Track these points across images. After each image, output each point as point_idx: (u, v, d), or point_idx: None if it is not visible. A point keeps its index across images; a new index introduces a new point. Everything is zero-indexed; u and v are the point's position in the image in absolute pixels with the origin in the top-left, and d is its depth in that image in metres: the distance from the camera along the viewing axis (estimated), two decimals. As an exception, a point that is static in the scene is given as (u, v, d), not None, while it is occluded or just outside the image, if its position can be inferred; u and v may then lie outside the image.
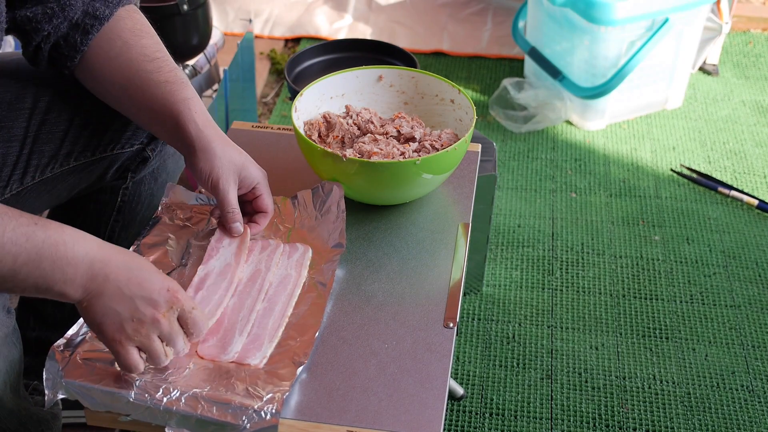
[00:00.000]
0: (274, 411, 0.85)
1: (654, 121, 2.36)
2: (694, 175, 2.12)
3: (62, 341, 0.91)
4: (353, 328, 0.98)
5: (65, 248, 0.83)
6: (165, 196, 1.13)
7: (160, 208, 1.11)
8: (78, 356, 0.90)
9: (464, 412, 1.53)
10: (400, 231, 1.13)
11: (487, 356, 1.63)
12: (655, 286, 1.80)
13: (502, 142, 2.25)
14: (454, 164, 1.13)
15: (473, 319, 1.71)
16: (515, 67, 2.58)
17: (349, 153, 1.12)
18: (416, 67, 1.65)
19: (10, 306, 1.08)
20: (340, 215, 1.09)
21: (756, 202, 2.02)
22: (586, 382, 1.59)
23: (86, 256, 0.84)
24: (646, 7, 2.08)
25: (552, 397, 1.56)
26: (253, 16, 2.77)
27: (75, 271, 0.84)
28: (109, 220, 1.29)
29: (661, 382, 1.59)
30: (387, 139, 1.17)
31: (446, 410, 1.10)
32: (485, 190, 1.55)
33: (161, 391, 0.87)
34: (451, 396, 1.54)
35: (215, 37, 2.05)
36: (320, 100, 1.22)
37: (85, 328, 0.93)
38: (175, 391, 0.87)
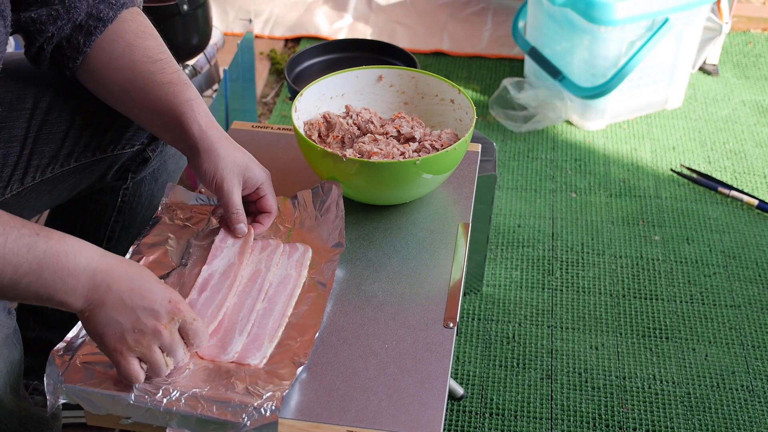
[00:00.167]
0: (273, 408, 0.85)
1: (654, 121, 2.36)
2: (694, 175, 2.12)
3: (62, 345, 0.91)
4: (353, 328, 0.98)
5: (67, 259, 0.83)
6: (165, 196, 1.12)
7: (160, 208, 1.11)
8: (78, 360, 0.90)
9: (464, 412, 1.53)
10: (400, 231, 1.13)
11: (487, 356, 1.63)
12: (655, 286, 1.81)
13: (502, 142, 2.25)
14: (454, 164, 1.13)
15: (473, 319, 1.71)
16: (515, 67, 2.58)
17: (349, 153, 1.12)
18: (416, 67, 1.65)
19: (11, 307, 1.08)
20: (340, 214, 1.09)
21: (756, 202, 2.02)
22: (586, 382, 1.59)
23: (88, 266, 0.84)
24: (646, 7, 2.08)
25: (552, 397, 1.56)
26: (253, 16, 2.77)
27: (76, 282, 0.84)
28: (110, 220, 1.29)
29: (661, 382, 1.59)
30: (387, 139, 1.17)
31: (446, 410, 1.10)
32: (485, 190, 1.55)
33: (161, 392, 0.87)
34: (451, 396, 1.54)
35: (215, 37, 2.05)
36: (320, 100, 1.22)
37: (85, 331, 0.93)
38: (175, 391, 0.87)
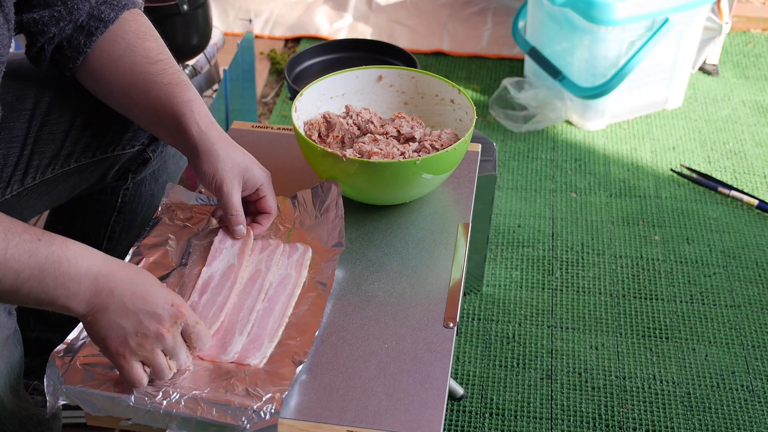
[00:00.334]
0: (273, 411, 0.85)
1: (654, 121, 2.36)
2: (694, 175, 2.12)
3: (62, 347, 0.91)
4: (353, 328, 0.98)
5: (68, 264, 0.83)
6: (165, 197, 1.12)
7: (160, 209, 1.11)
8: (78, 362, 0.90)
9: (464, 412, 1.53)
10: (400, 231, 1.13)
11: (487, 356, 1.63)
12: (655, 286, 1.80)
13: (502, 142, 2.25)
14: (454, 164, 1.13)
15: (473, 319, 1.71)
16: (515, 67, 2.58)
17: (349, 153, 1.12)
18: (416, 67, 1.65)
19: (11, 308, 1.08)
20: (339, 214, 1.08)
21: (756, 202, 2.02)
22: (586, 382, 1.59)
23: (89, 271, 0.84)
24: (646, 7, 2.08)
25: (552, 397, 1.56)
26: (253, 16, 2.77)
27: (78, 287, 0.84)
28: (110, 220, 1.29)
29: (661, 382, 1.59)
30: (387, 139, 1.17)
31: (446, 410, 1.10)
32: (485, 190, 1.55)
33: (161, 394, 0.87)
34: (451, 396, 1.54)
35: (215, 37, 2.05)
36: (320, 100, 1.22)
37: (85, 333, 0.93)
38: (175, 393, 0.87)
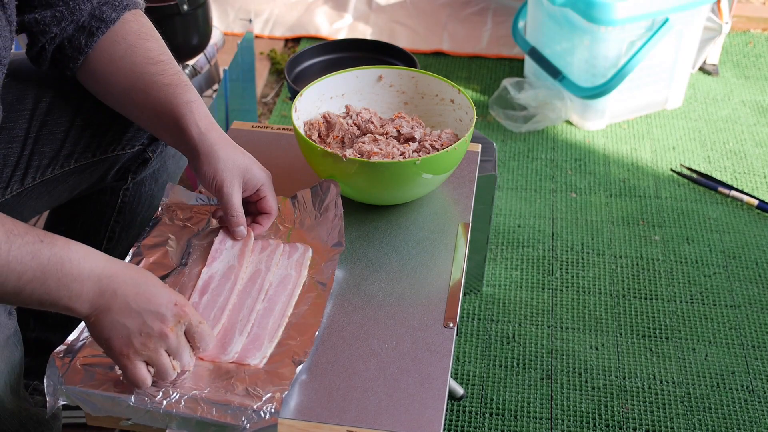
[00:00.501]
0: (273, 410, 0.85)
1: (654, 121, 2.36)
2: (694, 175, 2.12)
3: (62, 347, 0.91)
4: (353, 328, 0.98)
5: (71, 265, 0.83)
6: (165, 197, 1.12)
7: (160, 209, 1.11)
8: (78, 362, 0.90)
9: (464, 412, 1.53)
10: (400, 231, 1.13)
11: (487, 356, 1.63)
12: (655, 286, 1.80)
13: (502, 142, 2.25)
14: (454, 164, 1.13)
15: (473, 319, 1.71)
16: (515, 67, 2.58)
17: (349, 153, 1.12)
18: (416, 67, 1.65)
19: (12, 308, 1.08)
20: (339, 213, 1.08)
21: (756, 202, 2.02)
22: (586, 382, 1.59)
23: (92, 272, 0.84)
24: (646, 7, 2.08)
25: (552, 397, 1.56)
26: (253, 16, 2.77)
27: (81, 287, 0.84)
28: (110, 220, 1.29)
29: (661, 382, 1.59)
30: (387, 139, 1.17)
31: (446, 410, 1.10)
32: (485, 190, 1.55)
33: (161, 394, 0.87)
34: (451, 396, 1.54)
35: (215, 37, 2.05)
36: (320, 100, 1.22)
37: (86, 333, 0.93)
38: (175, 393, 0.87)
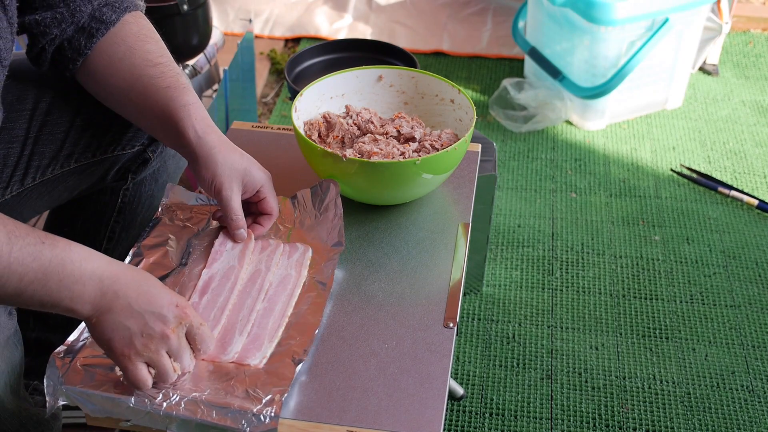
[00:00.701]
0: (273, 414, 0.85)
1: (654, 121, 2.36)
2: (694, 175, 2.12)
3: (62, 348, 0.91)
4: (353, 328, 0.98)
5: (72, 266, 0.83)
6: (165, 197, 1.12)
7: (160, 209, 1.11)
8: (78, 362, 0.90)
9: (464, 412, 1.53)
10: (400, 231, 1.13)
11: (487, 356, 1.63)
12: (655, 286, 1.80)
13: (502, 142, 2.25)
14: (454, 164, 1.13)
15: (473, 319, 1.71)
16: (515, 67, 2.58)
17: (349, 153, 1.12)
18: (416, 67, 1.65)
19: (12, 308, 1.08)
20: (338, 213, 1.08)
21: (756, 202, 2.02)
22: (586, 382, 1.59)
23: (94, 273, 0.84)
24: (646, 7, 2.08)
25: (552, 397, 1.56)
26: (253, 16, 2.77)
27: (83, 288, 0.84)
28: (110, 221, 1.29)
29: (661, 382, 1.59)
30: (387, 139, 1.17)
31: (446, 410, 1.10)
32: (485, 190, 1.55)
33: (161, 395, 0.87)
34: (451, 396, 1.54)
35: (215, 37, 2.05)
36: (320, 100, 1.22)
37: (86, 334, 0.93)
38: (175, 395, 0.87)
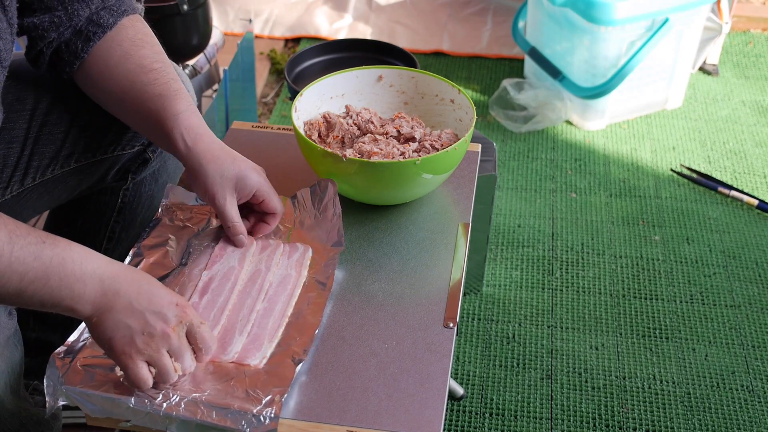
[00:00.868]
0: (272, 415, 0.85)
1: (654, 121, 2.36)
2: (694, 175, 2.12)
3: (62, 348, 0.91)
4: (353, 328, 0.98)
5: (73, 265, 0.83)
6: (165, 198, 1.13)
7: (160, 210, 1.11)
8: (78, 363, 0.90)
9: (464, 412, 1.53)
10: (400, 231, 1.13)
11: (487, 356, 1.63)
12: (655, 286, 1.81)
13: (502, 142, 2.25)
14: (454, 164, 1.13)
15: (473, 319, 1.71)
16: (515, 67, 2.58)
17: (349, 153, 1.12)
18: (416, 67, 1.65)
19: (12, 308, 1.08)
20: (337, 212, 1.08)
21: (756, 202, 2.02)
22: (586, 382, 1.59)
23: (95, 272, 0.84)
24: (646, 7, 2.08)
25: (552, 397, 1.56)
26: (253, 16, 2.77)
27: (84, 287, 0.84)
28: (110, 221, 1.29)
29: (661, 382, 1.59)
30: (387, 139, 1.17)
31: (446, 410, 1.10)
32: (485, 190, 1.55)
33: (161, 396, 0.87)
34: (451, 396, 1.54)
35: (215, 37, 2.05)
36: (320, 100, 1.22)
37: (86, 334, 0.93)
38: (175, 396, 0.87)
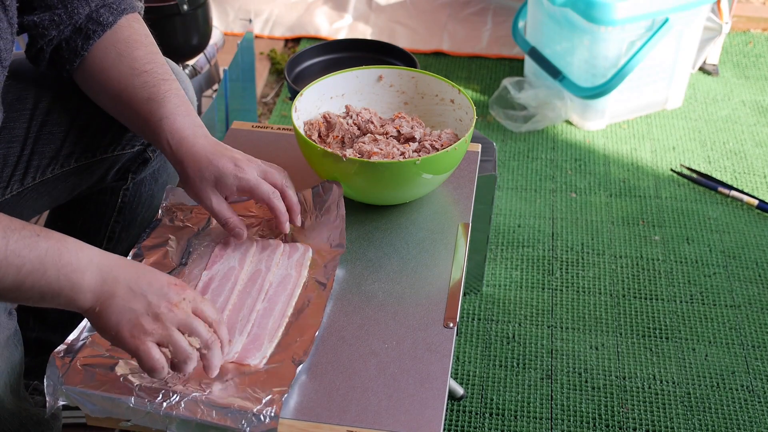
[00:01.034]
0: (273, 414, 0.85)
1: (654, 121, 2.36)
2: (694, 175, 2.12)
3: (62, 347, 0.91)
4: (353, 328, 0.98)
5: (69, 255, 0.84)
6: (165, 200, 1.13)
7: (160, 212, 1.11)
8: (78, 362, 0.90)
9: (464, 412, 1.53)
10: (400, 231, 1.13)
11: (487, 356, 1.63)
12: (655, 286, 1.80)
13: (502, 142, 2.25)
14: (454, 164, 1.13)
15: (473, 319, 1.71)
16: (515, 67, 2.58)
17: (349, 153, 1.12)
18: (416, 67, 1.65)
19: (12, 308, 1.08)
20: (340, 215, 1.09)
21: (756, 202, 2.02)
22: (586, 382, 1.59)
23: (91, 262, 0.85)
24: (646, 7, 2.08)
25: (552, 397, 1.56)
26: (253, 16, 2.77)
27: (82, 277, 0.84)
28: (110, 220, 1.29)
29: (661, 382, 1.59)
30: (387, 139, 1.17)
31: (446, 410, 1.10)
32: (485, 190, 1.55)
33: (161, 395, 0.87)
34: (451, 396, 1.54)
35: (215, 37, 2.05)
36: (320, 100, 1.22)
37: (86, 333, 0.93)
38: (175, 395, 0.87)
